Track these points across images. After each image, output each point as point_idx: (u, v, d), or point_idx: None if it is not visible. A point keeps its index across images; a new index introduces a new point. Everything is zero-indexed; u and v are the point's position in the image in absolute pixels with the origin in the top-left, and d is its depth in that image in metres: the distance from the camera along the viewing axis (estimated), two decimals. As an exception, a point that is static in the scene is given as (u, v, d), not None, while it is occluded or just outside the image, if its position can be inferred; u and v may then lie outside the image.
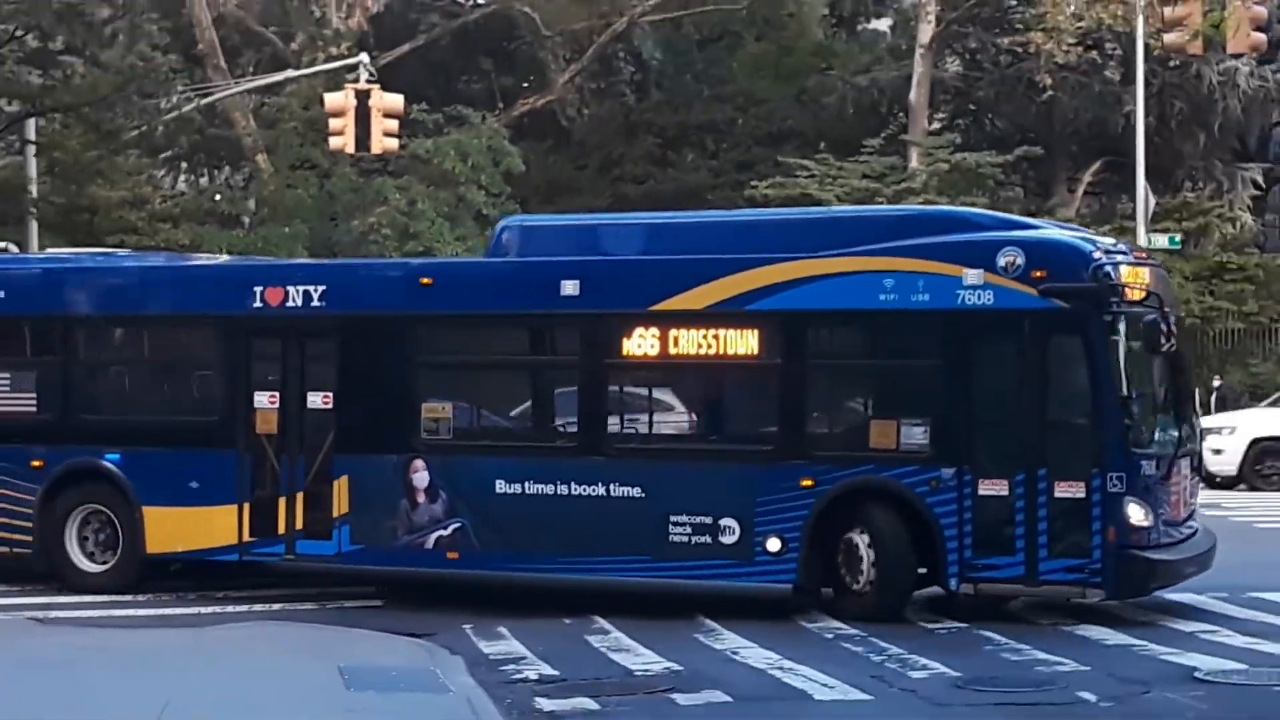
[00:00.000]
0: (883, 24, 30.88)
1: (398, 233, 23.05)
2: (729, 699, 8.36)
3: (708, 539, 10.20)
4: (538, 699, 8.60)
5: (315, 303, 11.70)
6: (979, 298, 9.51)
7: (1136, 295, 9.41)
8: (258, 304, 11.72)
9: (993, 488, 9.43)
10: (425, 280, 11.64)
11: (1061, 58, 25.52)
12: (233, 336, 11.89)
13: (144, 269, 13.88)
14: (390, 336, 11.52)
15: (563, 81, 29.60)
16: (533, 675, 9.35)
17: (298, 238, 23.32)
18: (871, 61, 28.19)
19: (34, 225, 23.05)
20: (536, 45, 29.22)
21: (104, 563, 11.99)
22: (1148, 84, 25.34)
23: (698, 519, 10.20)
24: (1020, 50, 26.59)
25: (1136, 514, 9.13)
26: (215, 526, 11.70)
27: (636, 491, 10.48)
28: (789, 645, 9.45)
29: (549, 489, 10.81)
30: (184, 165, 29.24)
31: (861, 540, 9.84)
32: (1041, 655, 9.34)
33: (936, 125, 29.00)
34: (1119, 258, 9.80)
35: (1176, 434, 9.98)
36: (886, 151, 25.58)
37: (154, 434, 12.08)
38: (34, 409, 12.53)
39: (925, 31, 26.10)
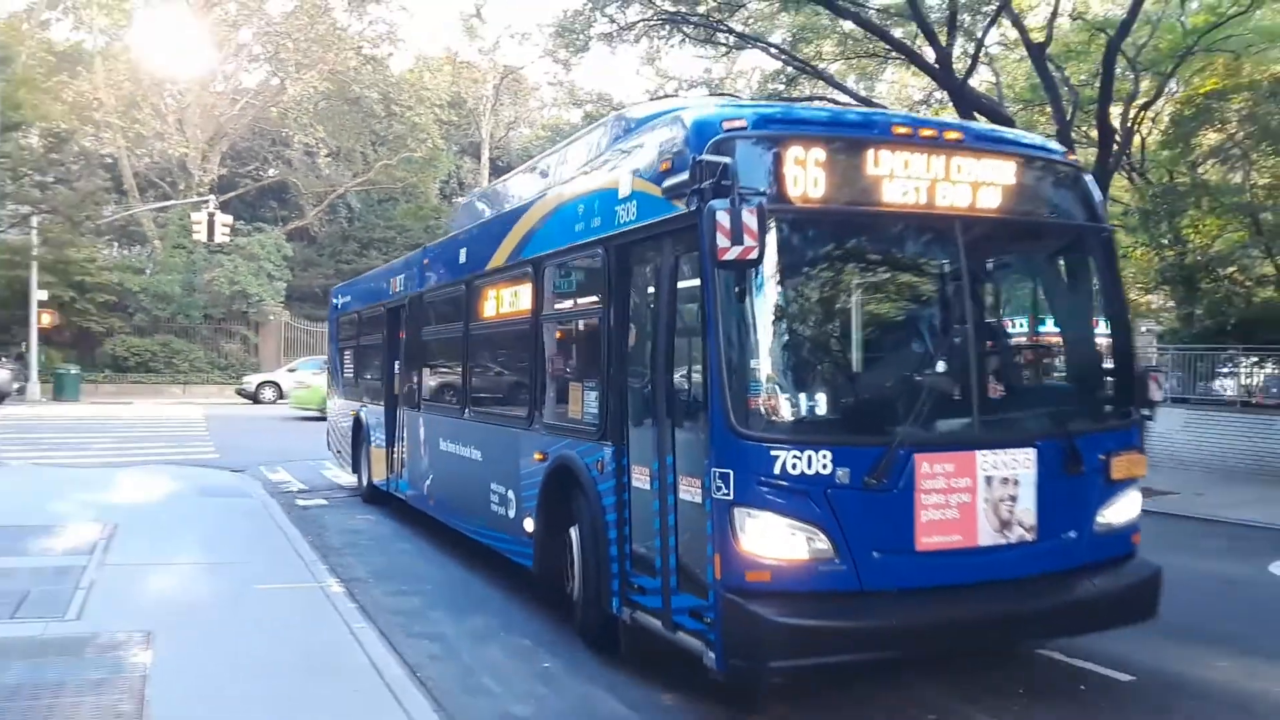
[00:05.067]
0: (463, 200, 49.93)
1: (228, 281, 40.87)
2: (354, 473, 13.38)
3: (503, 511, 8.50)
4: (297, 500, 13.15)
5: (398, 289, 12.15)
6: (627, 213, 6.43)
7: (789, 189, 5.34)
8: (388, 294, 12.55)
9: (641, 477, 6.31)
10: (425, 261, 11.33)
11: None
12: (382, 318, 12.82)
13: (359, 279, 15.72)
14: (406, 311, 11.79)
15: (312, 214, 47.80)
16: (294, 489, 14.11)
17: (176, 281, 40.82)
18: (464, 217, 50.23)
19: (34, 267, 36.46)
20: (298, 195, 48.20)
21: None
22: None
23: (499, 488, 8.61)
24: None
25: (756, 535, 5.24)
26: (381, 465, 12.62)
27: (478, 455, 9.25)
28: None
29: (451, 448, 10.03)
30: (115, 243, 45.90)
31: (575, 533, 7.13)
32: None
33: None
34: (782, 129, 5.55)
35: (929, 409, 5.61)
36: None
37: (369, 393, 13.53)
38: (352, 376, 14.70)
39: (492, 204, 45.46)
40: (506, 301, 8.81)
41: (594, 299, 7.15)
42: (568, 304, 7.92)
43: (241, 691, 5.98)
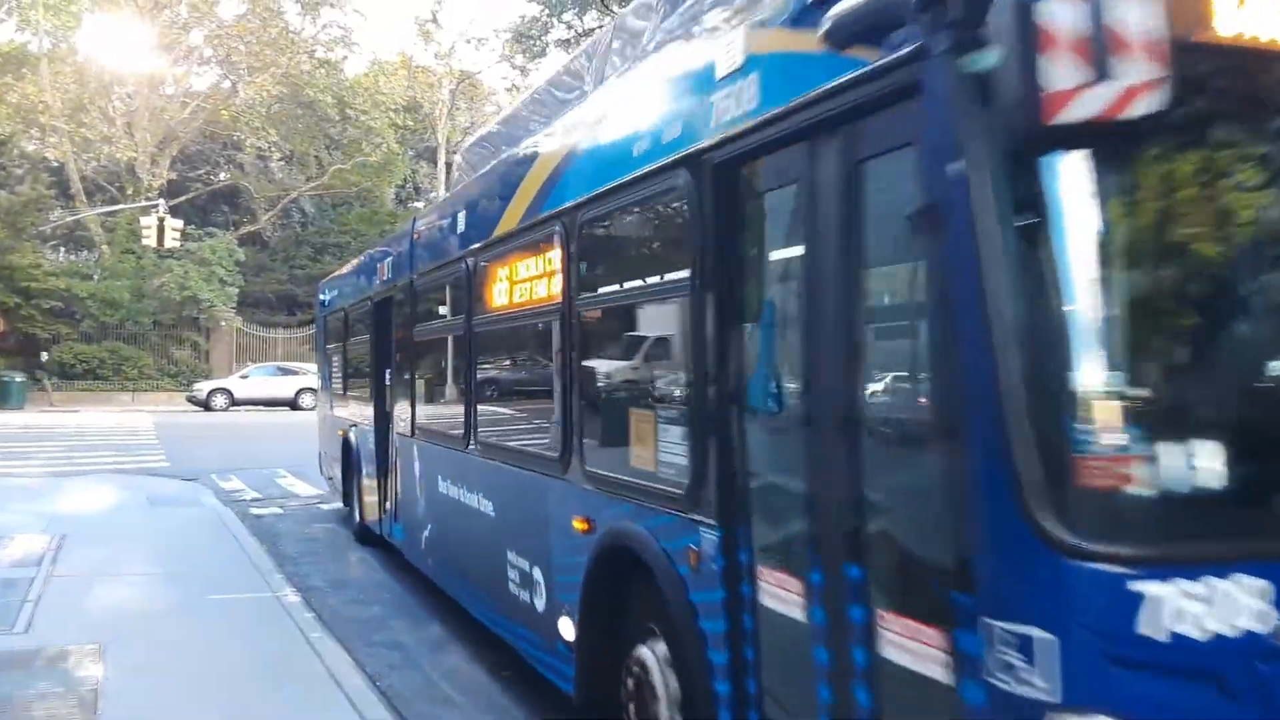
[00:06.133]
0: (420, 204, 52.70)
1: (178, 287, 40.92)
2: (345, 506, 12.10)
3: (526, 597, 5.68)
4: (251, 508, 13.23)
5: (386, 276, 9.49)
6: (736, 101, 3.57)
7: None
8: (375, 284, 10.10)
9: (781, 593, 3.43)
10: (416, 234, 8.41)
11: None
12: (370, 315, 10.25)
13: (348, 269, 12.66)
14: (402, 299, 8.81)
15: (265, 218, 48.36)
16: (248, 497, 14.14)
17: (124, 287, 40.91)
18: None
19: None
20: (250, 199, 48.64)
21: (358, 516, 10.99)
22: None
23: (519, 561, 5.80)
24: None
25: None
26: (374, 501, 10.03)
27: (488, 507, 6.40)
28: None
29: (452, 492, 7.14)
30: (62, 249, 46.44)
31: (654, 655, 4.24)
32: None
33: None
34: None
35: None
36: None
37: (358, 410, 10.92)
38: (340, 389, 12.28)
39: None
40: (523, 282, 5.93)
41: (672, 263, 4.24)
42: (622, 277, 5.05)
43: (197, 704, 5.94)
